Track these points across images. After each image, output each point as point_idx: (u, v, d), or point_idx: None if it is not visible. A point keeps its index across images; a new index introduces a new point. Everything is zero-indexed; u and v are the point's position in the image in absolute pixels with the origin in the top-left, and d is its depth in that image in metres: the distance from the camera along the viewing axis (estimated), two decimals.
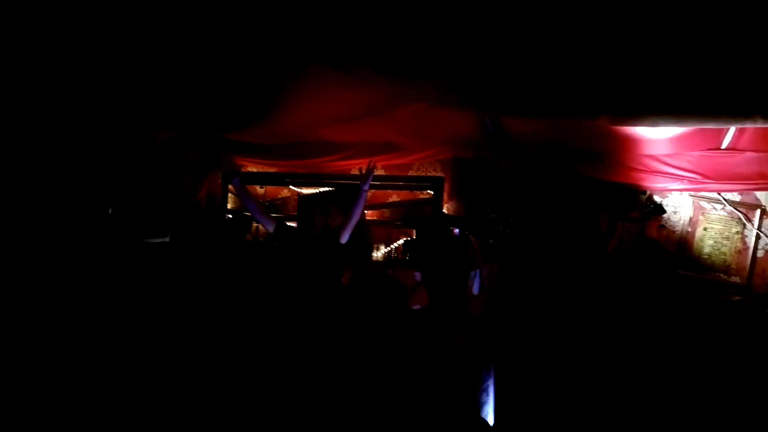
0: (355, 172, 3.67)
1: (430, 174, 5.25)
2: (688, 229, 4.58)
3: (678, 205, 4.62)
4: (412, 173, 5.29)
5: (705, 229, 4.54)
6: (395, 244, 5.16)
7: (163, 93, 3.32)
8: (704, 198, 4.53)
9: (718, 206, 4.51)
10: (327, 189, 5.24)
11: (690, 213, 4.58)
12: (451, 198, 5.13)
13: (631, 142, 3.77)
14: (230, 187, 5.14)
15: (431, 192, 5.15)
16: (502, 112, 3.42)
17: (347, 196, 3.65)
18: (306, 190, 5.47)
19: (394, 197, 5.43)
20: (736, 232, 4.46)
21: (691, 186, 4.21)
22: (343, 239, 3.54)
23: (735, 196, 4.48)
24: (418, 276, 4.30)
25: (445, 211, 5.07)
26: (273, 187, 5.69)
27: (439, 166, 5.23)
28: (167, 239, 5.03)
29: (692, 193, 4.54)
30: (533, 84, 2.40)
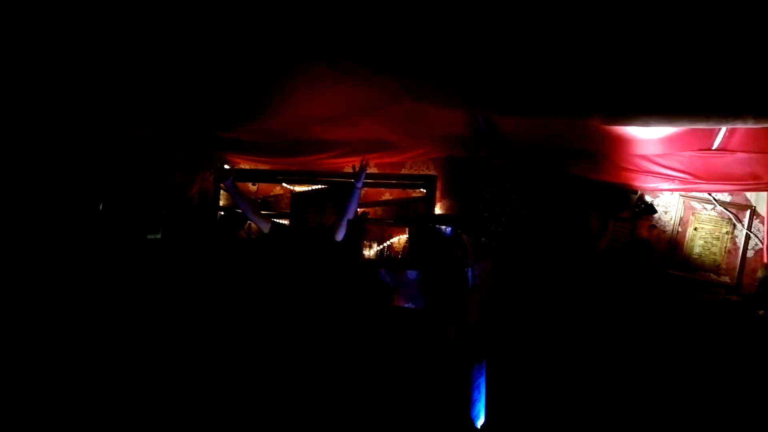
0: (348, 170, 3.67)
1: (422, 172, 5.25)
2: (679, 229, 4.61)
3: (669, 205, 4.64)
4: (405, 172, 5.29)
5: (695, 229, 4.57)
6: (388, 242, 5.16)
7: (155, 91, 3.30)
8: (695, 198, 4.56)
9: (709, 206, 4.54)
10: (320, 186, 5.22)
11: (681, 213, 4.61)
12: (444, 197, 5.13)
13: (623, 142, 3.79)
14: (222, 186, 5.13)
15: (424, 190, 5.16)
16: (495, 110, 3.43)
17: (340, 194, 3.65)
18: (299, 188, 5.46)
19: (387, 195, 5.42)
20: (727, 233, 4.49)
21: (682, 186, 4.24)
22: (339, 237, 3.55)
23: (725, 197, 4.50)
24: (412, 274, 4.31)
25: (438, 210, 5.08)
26: (266, 185, 5.68)
27: (432, 165, 5.23)
28: (159, 236, 5.01)
29: (683, 194, 4.56)
30: (526, 83, 2.40)
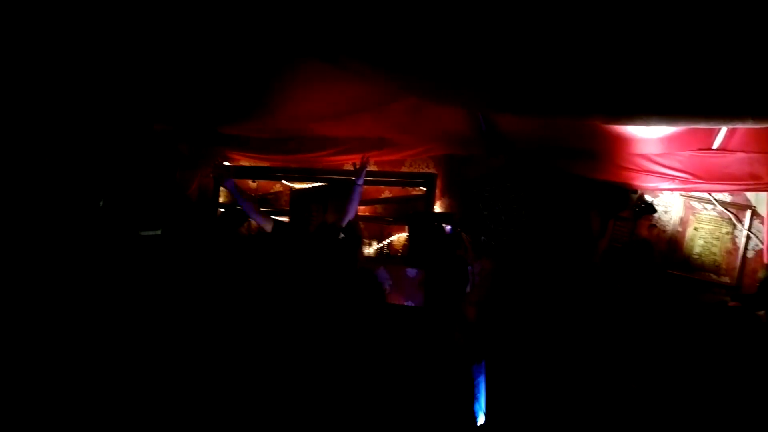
0: (349, 167, 3.67)
1: (422, 171, 5.24)
2: (679, 229, 4.61)
3: (669, 204, 4.64)
4: (404, 170, 5.28)
5: (695, 229, 4.57)
6: (387, 240, 5.16)
7: (155, 87, 3.31)
8: (695, 198, 4.55)
9: (709, 206, 4.53)
10: (319, 184, 5.22)
11: (681, 213, 4.60)
12: (444, 195, 5.13)
13: (623, 142, 3.78)
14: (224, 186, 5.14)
15: (424, 189, 5.15)
16: (495, 109, 3.42)
17: (341, 191, 3.66)
18: (299, 185, 5.45)
19: (387, 193, 5.42)
20: (727, 233, 4.48)
21: (682, 186, 4.22)
22: (341, 235, 3.56)
23: (725, 197, 4.49)
24: (412, 272, 4.30)
25: (438, 208, 5.07)
26: (265, 182, 5.67)
27: (432, 163, 5.22)
28: (159, 232, 5.01)
29: (683, 193, 4.55)
30: (526, 82, 2.40)
